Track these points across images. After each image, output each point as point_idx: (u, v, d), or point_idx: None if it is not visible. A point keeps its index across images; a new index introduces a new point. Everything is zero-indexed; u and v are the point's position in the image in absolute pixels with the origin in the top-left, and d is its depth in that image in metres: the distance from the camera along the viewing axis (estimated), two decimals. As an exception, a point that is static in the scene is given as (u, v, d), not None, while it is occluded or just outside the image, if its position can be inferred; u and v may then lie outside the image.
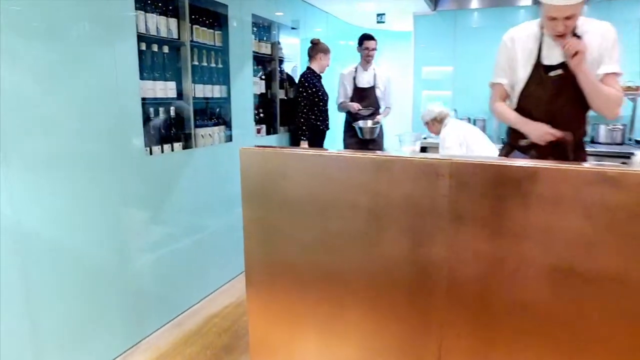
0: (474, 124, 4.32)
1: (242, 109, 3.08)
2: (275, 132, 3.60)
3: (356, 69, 3.95)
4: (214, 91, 2.86)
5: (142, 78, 2.26)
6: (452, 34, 4.45)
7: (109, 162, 2.03)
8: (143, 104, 2.24)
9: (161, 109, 2.42)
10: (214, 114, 2.97)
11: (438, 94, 4.55)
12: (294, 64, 4.45)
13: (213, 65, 2.86)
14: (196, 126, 2.67)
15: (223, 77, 2.94)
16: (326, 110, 3.77)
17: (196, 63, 2.70)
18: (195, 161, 2.62)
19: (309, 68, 3.71)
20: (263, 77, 3.50)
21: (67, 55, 1.81)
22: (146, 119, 2.32)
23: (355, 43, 3.95)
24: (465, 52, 4.40)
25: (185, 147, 2.59)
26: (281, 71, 3.73)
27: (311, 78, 3.65)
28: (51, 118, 1.76)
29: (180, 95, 2.58)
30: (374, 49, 3.88)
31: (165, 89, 2.43)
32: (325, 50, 3.72)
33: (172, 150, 2.49)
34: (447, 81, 4.54)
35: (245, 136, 3.10)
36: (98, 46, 1.94)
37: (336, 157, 1.40)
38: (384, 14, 4.72)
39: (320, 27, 4.44)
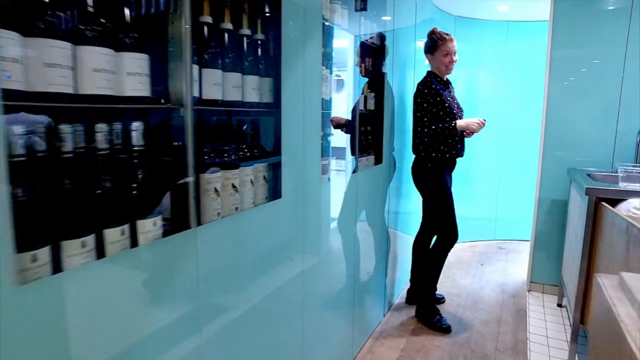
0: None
1: (301, 128, 1.49)
2: (353, 168, 2.00)
3: None
4: (246, 89, 1.28)
5: (31, 35, 0.71)
6: (620, 22, 2.79)
7: None
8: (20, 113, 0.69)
9: (100, 132, 0.85)
10: (243, 137, 1.39)
11: (590, 107, 2.87)
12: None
13: (247, 31, 1.29)
14: (199, 170, 1.09)
15: (266, 61, 1.36)
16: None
17: (209, 20, 1.14)
18: (197, 268, 1.03)
19: (430, 73, 2.43)
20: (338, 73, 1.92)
21: None
22: (29, 162, 0.75)
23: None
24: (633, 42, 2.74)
25: (171, 231, 0.98)
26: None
27: (438, 86, 2.38)
28: None
29: (161, 93, 1.01)
30: None
31: (115, 72, 0.87)
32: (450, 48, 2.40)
33: (135, 243, 0.90)
34: (608, 88, 2.85)
35: (306, 182, 1.51)
36: None
37: None
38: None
39: (398, 13, 2.69)
